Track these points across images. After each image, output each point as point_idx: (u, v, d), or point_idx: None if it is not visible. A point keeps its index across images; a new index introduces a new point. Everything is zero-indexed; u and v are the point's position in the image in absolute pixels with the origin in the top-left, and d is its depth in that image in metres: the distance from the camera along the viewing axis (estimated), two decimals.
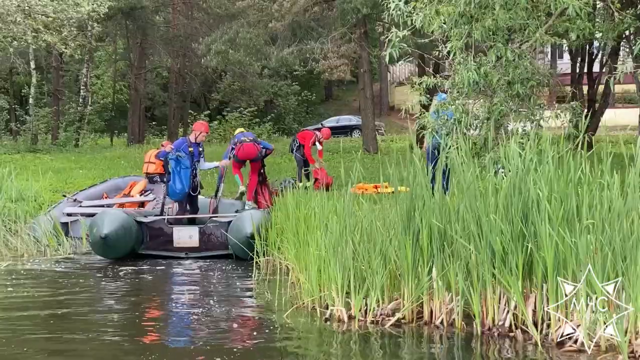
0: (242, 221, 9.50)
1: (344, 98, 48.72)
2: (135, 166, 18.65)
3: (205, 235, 10.23)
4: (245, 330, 5.95)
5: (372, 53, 22.33)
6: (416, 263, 5.83)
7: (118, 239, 9.55)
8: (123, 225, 9.66)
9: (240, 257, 9.49)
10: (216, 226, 10.23)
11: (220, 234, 10.08)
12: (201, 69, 31.90)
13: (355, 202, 8.27)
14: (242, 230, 9.35)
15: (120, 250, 9.70)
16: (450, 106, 8.80)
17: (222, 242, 10.05)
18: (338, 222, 6.30)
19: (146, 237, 10.29)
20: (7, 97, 31.43)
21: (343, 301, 6.06)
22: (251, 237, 9.08)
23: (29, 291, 7.79)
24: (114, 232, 9.48)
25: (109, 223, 9.51)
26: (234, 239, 9.45)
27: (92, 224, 9.74)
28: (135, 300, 7.37)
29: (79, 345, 5.66)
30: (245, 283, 8.16)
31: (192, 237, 10.15)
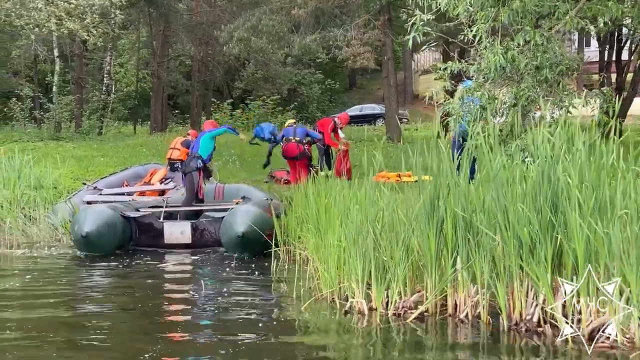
0: (234, 218, 8.88)
1: (368, 87, 48.33)
2: (157, 154, 18.55)
3: (198, 230, 9.69)
4: (262, 322, 5.76)
5: (396, 40, 21.96)
6: (440, 254, 5.61)
7: (100, 237, 8.96)
8: (107, 222, 9.09)
9: None
10: (209, 221, 9.77)
11: (214, 229, 9.57)
12: (224, 57, 31.71)
13: (377, 190, 8.11)
14: (233, 228, 8.77)
15: (104, 248, 9.09)
16: (476, 92, 8.54)
17: (216, 239, 9.51)
18: (359, 211, 6.07)
19: (135, 232, 9.79)
20: (31, 85, 31.53)
21: (363, 293, 5.85)
22: (242, 236, 8.62)
23: (40, 280, 7.67)
24: (96, 230, 8.90)
25: (90, 220, 8.96)
26: (225, 237, 8.97)
27: (73, 221, 9.24)
28: (150, 291, 7.20)
29: (94, 336, 5.52)
30: (264, 273, 7.97)
31: (184, 232, 9.62)
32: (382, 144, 11.63)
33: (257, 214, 9.00)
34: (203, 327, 5.81)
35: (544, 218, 5.09)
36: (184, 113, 35.80)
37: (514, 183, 5.40)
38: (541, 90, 8.31)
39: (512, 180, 5.43)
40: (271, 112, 33.61)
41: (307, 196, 8.57)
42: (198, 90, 31.09)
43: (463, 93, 8.72)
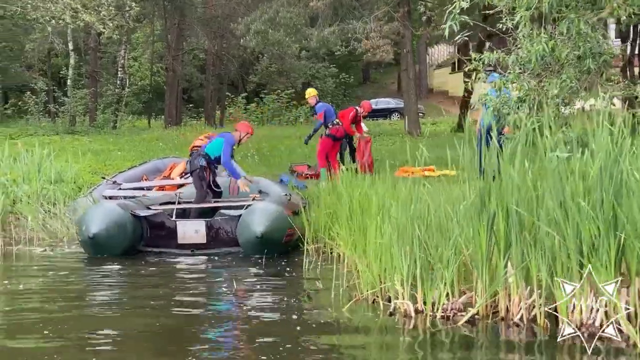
0: (252, 217, 8.32)
1: (382, 80, 48.02)
2: (174, 148, 18.31)
3: (213, 230, 9.03)
4: (301, 324, 5.45)
5: (415, 33, 21.61)
6: (491, 252, 5.29)
7: (109, 237, 8.33)
8: (116, 221, 8.44)
9: None
10: (225, 220, 9.02)
11: (231, 228, 8.93)
12: (238, 51, 31.46)
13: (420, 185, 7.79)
14: (251, 228, 8.20)
15: (112, 249, 8.45)
16: (513, 84, 8.21)
17: (232, 238, 8.87)
18: (403, 207, 5.74)
19: (146, 232, 9.12)
20: (45, 79, 31.36)
21: (408, 294, 5.53)
22: (261, 237, 8.07)
23: (61, 279, 7.45)
24: (105, 230, 8.27)
25: (98, 220, 8.33)
26: (242, 237, 8.39)
27: (80, 221, 8.59)
28: (180, 291, 6.89)
29: (115, 336, 5.24)
30: (295, 272, 7.65)
31: (198, 231, 8.97)
32: (426, 137, 11.22)
33: (277, 212, 8.47)
34: (239, 328, 5.51)
35: (606, 215, 4.75)
36: (198, 107, 35.60)
37: (572, 177, 5.06)
38: (583, 81, 7.98)
39: (570, 174, 5.09)
40: (285, 106, 33.36)
41: (339, 191, 8.25)
42: (212, 84, 30.87)
43: (500, 84, 8.37)
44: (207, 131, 22.02)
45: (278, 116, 32.59)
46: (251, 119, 32.53)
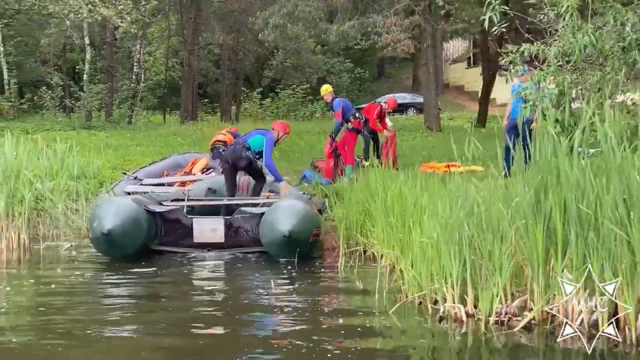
0: (277, 215, 7.78)
1: (397, 75, 47.62)
2: (192, 143, 18.11)
3: (232, 228, 8.50)
4: (344, 329, 5.20)
5: (436, 26, 21.27)
6: (548, 253, 5.01)
7: (124, 235, 7.75)
8: (131, 217, 7.89)
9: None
10: (246, 218, 8.49)
11: (251, 227, 8.45)
12: (253, 46, 31.21)
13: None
14: (277, 227, 7.64)
15: (126, 248, 7.93)
16: (552, 77, 7.93)
17: (252, 238, 8.40)
18: (453, 204, 5.47)
19: (160, 229, 8.58)
20: (60, 74, 31.24)
21: (458, 297, 5.27)
22: (289, 236, 7.52)
23: (88, 278, 7.28)
24: (120, 226, 7.67)
25: (113, 215, 7.75)
26: (267, 236, 7.87)
27: (92, 216, 7.97)
28: (217, 292, 6.69)
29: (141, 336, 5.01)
30: (330, 272, 7.39)
31: (217, 230, 8.43)
32: (471, 130, 10.82)
33: (304, 210, 8.00)
34: (280, 332, 5.26)
35: None
36: (213, 102, 35.37)
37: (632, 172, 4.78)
38: (627, 73, 7.69)
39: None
40: (301, 101, 33.07)
41: (373, 187, 7.98)
42: (228, 79, 30.63)
43: (540, 78, 8.08)
44: (225, 126, 21.86)
45: (294, 111, 32.30)
46: (266, 114, 32.28)
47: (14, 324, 5.47)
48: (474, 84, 41.74)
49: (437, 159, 14.69)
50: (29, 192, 8.87)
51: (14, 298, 6.28)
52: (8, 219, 8.60)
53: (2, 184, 8.72)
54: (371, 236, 7.70)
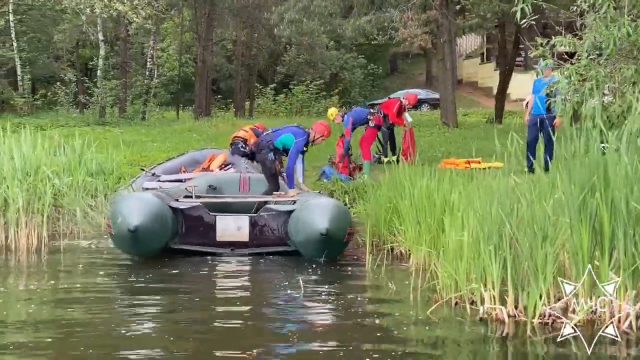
0: (311, 213, 7.48)
1: (409, 71, 47.36)
2: (208, 139, 17.98)
3: (257, 226, 8.10)
4: (381, 330, 5.01)
5: (453, 21, 21.00)
6: (593, 253, 4.82)
7: (152, 232, 7.33)
8: (157, 214, 7.44)
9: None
10: (272, 216, 8.14)
11: (277, 226, 8.12)
12: (266, 41, 31.05)
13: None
14: (312, 226, 7.31)
15: (152, 246, 7.53)
16: (588, 71, 7.71)
17: (278, 236, 8.07)
18: (492, 201, 5.26)
19: (181, 227, 8.11)
20: (72, 70, 31.17)
21: (498, 297, 5.07)
22: (326, 234, 7.18)
23: (110, 277, 7.10)
24: (148, 222, 7.23)
25: (139, 211, 7.29)
26: (300, 235, 7.54)
27: (115, 212, 7.52)
28: (226, 291, 6.55)
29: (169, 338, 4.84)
30: (358, 271, 7.19)
31: (241, 228, 8.02)
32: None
33: (338, 207, 7.76)
34: (313, 333, 5.08)
35: None
36: (226, 98, 35.24)
37: None
38: None
39: None
40: (315, 97, 32.91)
41: (401, 184, 7.78)
42: (242, 75, 30.48)
43: (571, 72, 7.86)
44: (240, 122, 21.70)
45: (307, 107, 32.14)
46: (280, 110, 32.14)
47: (34, 324, 5.32)
48: (488, 79, 41.43)
49: (457, 155, 14.52)
50: (49, 188, 8.71)
51: (35, 296, 6.13)
52: (27, 215, 8.43)
53: (21, 180, 8.55)
54: (399, 234, 7.51)
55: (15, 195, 8.38)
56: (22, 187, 8.49)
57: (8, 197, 8.39)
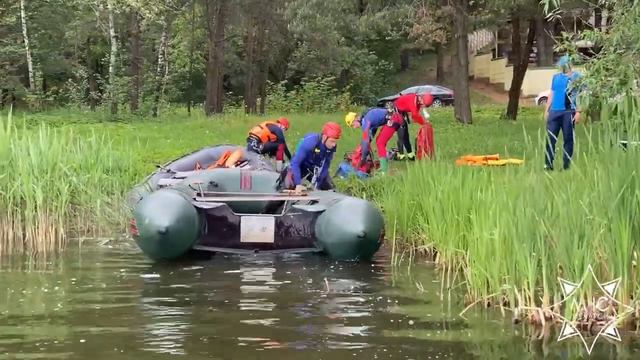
0: (345, 214, 7.27)
1: (420, 67, 47.12)
2: (221, 136, 17.88)
3: (282, 227, 7.88)
4: (412, 332, 4.88)
5: (468, 16, 20.80)
6: (632, 251, 4.66)
7: (181, 233, 7.03)
8: (185, 214, 7.13)
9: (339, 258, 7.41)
10: (298, 216, 7.92)
11: (303, 227, 7.90)
12: (277, 37, 30.91)
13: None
14: (347, 227, 7.09)
15: (180, 248, 7.24)
16: (616, 66, 7.55)
17: (303, 237, 7.88)
18: (528, 201, 5.11)
19: (204, 228, 7.81)
20: (83, 66, 31.14)
21: (534, 298, 4.92)
22: (364, 236, 7.00)
23: (126, 273, 6.97)
24: (177, 223, 6.91)
25: (169, 212, 6.97)
26: (333, 237, 7.30)
27: (141, 213, 7.18)
28: (250, 292, 6.41)
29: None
30: (384, 270, 7.02)
31: (266, 229, 7.77)
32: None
33: (372, 208, 7.59)
34: (338, 336, 4.94)
35: None
36: (237, 94, 35.13)
37: None
38: None
39: None
40: (326, 93, 32.74)
41: (424, 181, 7.64)
42: (253, 71, 30.34)
43: (599, 66, 7.70)
44: (252, 119, 21.60)
45: (318, 103, 31.99)
46: (291, 106, 32.00)
47: (53, 321, 5.25)
48: (500, 75, 41.17)
49: (473, 152, 14.36)
50: (67, 185, 8.60)
51: (54, 296, 6.03)
52: (45, 213, 8.33)
53: (38, 177, 8.45)
54: (423, 232, 7.37)
55: (32, 193, 8.27)
56: (39, 184, 8.38)
57: (25, 194, 8.28)
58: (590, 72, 7.86)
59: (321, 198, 8.22)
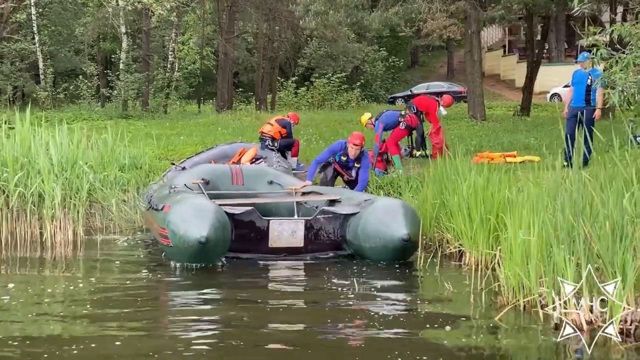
0: (386, 216, 6.99)
1: (430, 64, 46.93)
2: (233, 132, 17.75)
3: (312, 230, 7.51)
4: (447, 338, 4.73)
5: (483, 12, 20.60)
6: None
7: (219, 241, 6.67)
8: (220, 221, 6.76)
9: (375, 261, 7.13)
10: (329, 219, 7.57)
11: (333, 229, 7.58)
12: (287, 34, 30.75)
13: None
14: (389, 230, 6.83)
15: (216, 257, 6.91)
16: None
17: (333, 240, 7.57)
18: (566, 200, 4.96)
19: (232, 233, 7.24)
20: (93, 63, 31.10)
21: (575, 302, 4.77)
22: (409, 239, 6.76)
23: (146, 271, 6.85)
24: (215, 232, 6.57)
25: (206, 220, 6.60)
26: (371, 240, 7.02)
27: (175, 222, 6.72)
28: (277, 294, 6.24)
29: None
30: (411, 271, 6.85)
31: (296, 233, 7.40)
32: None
33: (411, 210, 7.28)
34: (370, 338, 4.80)
35: None
36: (247, 91, 35.02)
37: None
38: None
39: None
40: (336, 90, 32.59)
41: (448, 179, 7.49)
42: (264, 68, 30.20)
43: (629, 61, 7.53)
44: (263, 116, 21.46)
45: (329, 100, 31.85)
46: (301, 103, 31.85)
47: (72, 319, 5.16)
48: (511, 72, 40.93)
49: (489, 149, 14.20)
50: (86, 182, 8.49)
51: (74, 296, 5.93)
52: (64, 211, 8.22)
53: (57, 175, 8.34)
54: (448, 231, 7.22)
55: (52, 190, 8.16)
56: (58, 181, 8.27)
57: (44, 191, 8.18)
58: (619, 67, 7.70)
59: (343, 197, 8.04)
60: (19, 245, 8.03)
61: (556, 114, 24.38)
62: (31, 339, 4.69)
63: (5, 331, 4.84)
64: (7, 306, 5.52)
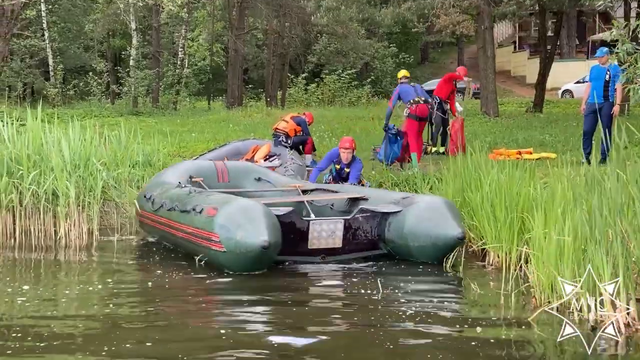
0: (436, 215, 6.79)
1: (440, 60, 46.69)
2: (245, 129, 17.64)
3: (350, 230, 7.25)
4: (477, 340, 4.57)
5: (496, 8, 20.42)
6: None
7: (277, 246, 6.43)
8: (275, 223, 6.51)
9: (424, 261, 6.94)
10: (367, 217, 7.31)
11: (371, 228, 7.33)
12: (297, 30, 30.58)
13: None
14: (443, 230, 6.66)
15: (270, 262, 6.63)
16: None
17: (370, 240, 7.32)
18: (602, 199, 4.78)
19: None
20: (102, 60, 31.04)
21: (612, 304, 4.60)
22: (462, 238, 6.64)
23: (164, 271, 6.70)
24: (275, 236, 6.33)
25: (265, 224, 6.32)
26: (419, 240, 6.81)
27: (228, 225, 6.40)
28: (298, 292, 6.14)
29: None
30: (435, 270, 6.67)
31: (335, 233, 7.13)
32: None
33: (454, 206, 7.11)
34: (409, 343, 4.64)
35: None
36: (256, 88, 34.88)
37: None
38: None
39: None
40: (347, 86, 32.41)
41: (470, 176, 7.31)
42: (274, 64, 30.06)
43: None
44: (274, 112, 21.34)
45: (340, 97, 31.67)
46: (312, 99, 31.70)
47: (89, 327, 5.01)
48: (521, 68, 40.70)
49: (504, 145, 14.03)
50: (101, 180, 8.36)
51: (90, 297, 5.83)
52: (78, 209, 8.08)
53: (70, 173, 8.20)
54: (471, 230, 7.05)
55: (65, 188, 8.03)
56: (72, 180, 8.14)
57: (57, 189, 8.04)
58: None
59: (371, 195, 7.77)
60: (33, 243, 7.91)
61: (569, 110, 24.24)
62: (46, 339, 4.60)
63: (22, 331, 4.75)
64: (22, 307, 5.42)
